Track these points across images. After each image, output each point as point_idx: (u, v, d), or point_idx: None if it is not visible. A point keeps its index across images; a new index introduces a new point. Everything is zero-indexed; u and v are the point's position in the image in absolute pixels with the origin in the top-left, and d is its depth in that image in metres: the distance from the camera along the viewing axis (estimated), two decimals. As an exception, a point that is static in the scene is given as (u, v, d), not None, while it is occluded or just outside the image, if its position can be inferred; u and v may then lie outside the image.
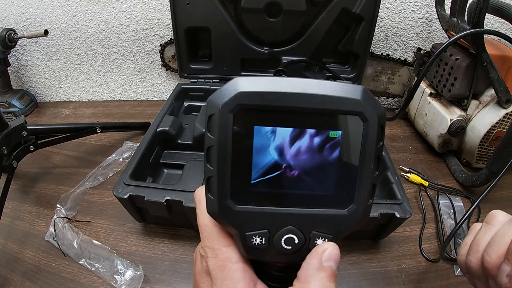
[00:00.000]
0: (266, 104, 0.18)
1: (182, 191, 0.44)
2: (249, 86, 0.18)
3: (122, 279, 0.43)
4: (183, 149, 0.60)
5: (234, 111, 0.18)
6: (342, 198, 0.19)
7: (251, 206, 0.19)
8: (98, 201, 0.57)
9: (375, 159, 0.19)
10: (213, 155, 0.18)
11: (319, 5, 0.64)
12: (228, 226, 0.20)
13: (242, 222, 0.19)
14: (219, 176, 0.19)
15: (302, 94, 0.18)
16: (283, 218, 0.20)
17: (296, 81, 0.18)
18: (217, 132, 0.18)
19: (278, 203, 0.19)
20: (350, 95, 0.18)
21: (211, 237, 0.21)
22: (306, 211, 0.20)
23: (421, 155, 0.67)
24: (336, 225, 0.20)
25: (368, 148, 0.18)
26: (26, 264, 0.47)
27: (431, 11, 0.70)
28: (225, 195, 0.19)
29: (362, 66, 0.70)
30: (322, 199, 0.20)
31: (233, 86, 0.18)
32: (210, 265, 0.21)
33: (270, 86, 0.18)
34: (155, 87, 0.88)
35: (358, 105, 0.18)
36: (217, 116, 0.18)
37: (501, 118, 0.55)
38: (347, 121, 0.18)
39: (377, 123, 0.18)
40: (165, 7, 0.73)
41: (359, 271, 0.46)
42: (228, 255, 0.20)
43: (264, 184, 0.19)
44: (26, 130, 0.55)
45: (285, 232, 0.20)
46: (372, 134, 0.18)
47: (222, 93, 0.18)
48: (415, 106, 0.70)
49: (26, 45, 0.82)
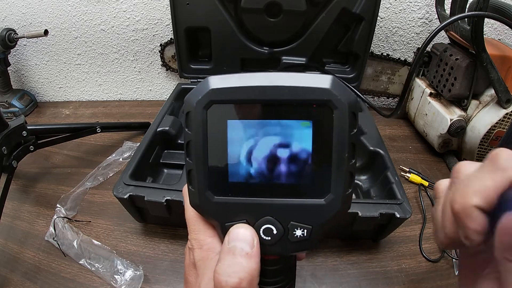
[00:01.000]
0: (237, 98, 0.19)
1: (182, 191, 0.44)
2: (220, 83, 0.19)
3: (122, 279, 0.43)
4: (183, 149, 0.60)
5: (207, 107, 0.19)
6: (319, 188, 0.20)
7: (229, 197, 0.20)
8: (98, 201, 0.57)
9: (349, 146, 0.19)
10: (192, 149, 0.20)
11: (319, 5, 0.64)
12: (209, 217, 0.21)
13: (221, 213, 0.20)
14: (197, 169, 0.20)
15: (271, 87, 0.18)
16: (260, 208, 0.20)
17: (265, 75, 0.19)
18: (194, 128, 0.19)
19: (256, 193, 0.20)
20: (319, 84, 0.18)
21: (197, 229, 0.22)
22: (283, 201, 0.20)
23: (421, 155, 0.68)
24: (314, 215, 0.20)
25: (340, 136, 0.19)
26: (26, 264, 0.47)
27: (431, 11, 0.70)
28: (204, 187, 0.20)
29: (362, 66, 0.70)
30: (300, 189, 0.20)
31: (205, 84, 0.19)
32: (195, 256, 0.21)
33: (240, 81, 0.19)
34: (155, 87, 0.88)
35: (327, 93, 0.18)
36: (193, 113, 0.19)
37: (501, 118, 0.55)
38: (318, 110, 0.19)
39: (348, 110, 0.18)
40: (165, 7, 0.73)
41: (359, 271, 0.46)
42: (211, 246, 0.21)
43: (240, 176, 0.20)
44: (26, 130, 0.55)
45: (263, 222, 0.20)
46: (343, 122, 0.18)
47: (196, 92, 0.19)
48: (415, 106, 0.70)
49: (26, 45, 0.82)
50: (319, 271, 0.46)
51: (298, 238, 0.20)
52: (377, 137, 0.56)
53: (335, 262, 0.47)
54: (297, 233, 0.20)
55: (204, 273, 0.20)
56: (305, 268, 0.46)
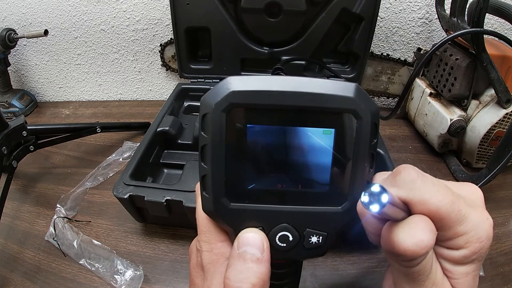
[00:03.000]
0: (259, 102, 0.18)
1: (182, 191, 0.44)
2: (242, 85, 0.18)
3: (122, 279, 0.43)
4: (183, 149, 0.60)
5: (227, 110, 0.18)
6: (336, 196, 0.20)
7: (246, 204, 0.19)
8: (98, 201, 0.57)
9: (369, 156, 0.19)
10: (207, 154, 0.19)
11: (319, 5, 0.64)
12: (223, 224, 0.20)
13: (237, 220, 0.20)
14: (213, 174, 0.19)
15: (295, 93, 0.18)
16: (277, 215, 0.20)
17: (288, 80, 0.18)
18: (211, 131, 0.18)
19: (273, 200, 0.20)
20: (343, 92, 0.18)
21: (208, 232, 0.21)
22: (300, 208, 0.20)
23: (421, 155, 0.67)
24: (330, 222, 0.20)
25: (361, 145, 0.19)
26: (26, 264, 0.47)
27: (431, 11, 0.70)
28: (220, 193, 0.19)
29: (362, 66, 0.70)
30: (316, 197, 0.20)
31: (225, 85, 0.18)
32: (204, 259, 0.21)
33: (263, 84, 0.18)
34: (155, 87, 0.88)
35: (351, 102, 0.18)
36: (211, 116, 0.18)
37: (501, 118, 0.55)
38: (341, 119, 0.18)
39: (370, 121, 0.18)
40: (165, 7, 0.73)
41: (359, 271, 0.46)
42: (222, 250, 0.21)
43: (258, 182, 0.19)
44: (26, 130, 0.55)
45: (279, 229, 0.20)
46: (365, 132, 0.18)
47: (215, 93, 0.18)
48: (415, 106, 0.70)
49: (26, 45, 0.82)
50: (319, 271, 0.45)
51: (313, 245, 0.20)
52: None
53: (335, 262, 0.47)
54: (313, 240, 0.20)
55: (214, 277, 0.20)
56: (305, 268, 0.46)
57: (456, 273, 0.18)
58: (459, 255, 0.18)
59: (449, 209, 0.17)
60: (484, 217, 0.18)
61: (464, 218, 0.17)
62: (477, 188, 0.20)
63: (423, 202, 0.17)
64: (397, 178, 0.18)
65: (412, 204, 0.17)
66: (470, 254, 0.18)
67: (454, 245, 0.18)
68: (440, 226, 0.17)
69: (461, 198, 0.18)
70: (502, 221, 0.53)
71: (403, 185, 0.18)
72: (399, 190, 0.18)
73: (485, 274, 0.44)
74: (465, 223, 0.17)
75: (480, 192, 0.20)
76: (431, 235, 0.17)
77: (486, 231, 0.18)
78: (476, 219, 0.18)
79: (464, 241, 0.18)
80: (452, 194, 0.18)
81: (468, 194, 0.19)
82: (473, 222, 0.17)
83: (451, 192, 0.18)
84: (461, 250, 0.18)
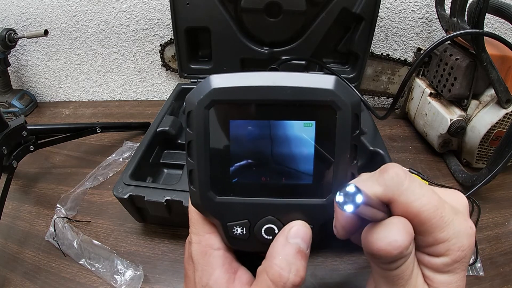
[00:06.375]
0: (239, 98, 0.18)
1: (182, 191, 0.44)
2: (222, 82, 0.18)
3: (122, 279, 0.43)
4: (183, 149, 0.59)
5: (209, 107, 0.18)
6: (321, 188, 0.20)
7: (231, 197, 0.20)
8: (98, 201, 0.57)
9: (352, 147, 0.19)
10: (193, 149, 0.19)
11: (319, 5, 0.64)
12: (210, 217, 0.21)
13: (223, 212, 0.20)
14: (199, 169, 0.19)
15: (274, 87, 0.18)
16: (262, 208, 0.20)
17: (268, 75, 0.18)
18: (195, 128, 0.19)
19: (257, 193, 0.20)
20: (322, 85, 0.18)
21: (197, 224, 0.22)
22: (284, 201, 0.20)
23: (421, 155, 0.67)
24: (315, 215, 0.20)
25: (343, 136, 0.19)
26: (26, 264, 0.47)
27: (431, 11, 0.70)
28: (206, 187, 0.20)
29: (362, 66, 0.70)
30: (301, 189, 0.20)
31: (207, 83, 0.19)
32: (193, 250, 0.21)
33: (243, 81, 0.18)
34: (155, 87, 0.88)
35: (330, 94, 0.18)
36: (194, 112, 0.19)
37: (501, 118, 0.55)
38: (321, 111, 0.19)
39: (351, 112, 0.18)
40: (165, 7, 0.73)
41: (359, 271, 0.46)
42: (210, 242, 0.21)
43: (243, 176, 0.20)
44: (26, 130, 0.55)
45: (265, 222, 0.20)
46: (346, 123, 0.18)
47: (197, 91, 0.19)
48: (415, 106, 0.70)
49: (26, 45, 0.82)
50: (319, 271, 0.45)
51: None
52: (377, 137, 0.56)
53: (335, 262, 0.47)
54: None
55: (203, 268, 0.20)
56: (305, 268, 0.46)
57: (436, 281, 0.18)
58: (439, 262, 0.18)
59: (431, 214, 0.17)
60: (467, 225, 0.18)
61: (446, 225, 0.17)
62: (462, 196, 0.20)
63: (406, 203, 0.17)
64: (384, 176, 0.18)
65: (395, 205, 0.17)
66: (451, 262, 0.17)
67: (435, 252, 0.18)
68: (421, 230, 0.17)
69: (447, 205, 0.18)
70: (502, 221, 0.53)
71: (389, 184, 0.17)
72: (384, 188, 0.17)
73: (485, 274, 0.44)
74: (447, 230, 0.17)
75: (465, 200, 0.20)
76: (405, 236, 0.17)
77: (468, 240, 0.18)
78: (459, 227, 0.17)
79: (445, 249, 0.17)
80: (437, 200, 0.17)
81: (453, 201, 0.19)
82: (455, 230, 0.17)
83: (437, 198, 0.17)
84: (442, 257, 0.18)
